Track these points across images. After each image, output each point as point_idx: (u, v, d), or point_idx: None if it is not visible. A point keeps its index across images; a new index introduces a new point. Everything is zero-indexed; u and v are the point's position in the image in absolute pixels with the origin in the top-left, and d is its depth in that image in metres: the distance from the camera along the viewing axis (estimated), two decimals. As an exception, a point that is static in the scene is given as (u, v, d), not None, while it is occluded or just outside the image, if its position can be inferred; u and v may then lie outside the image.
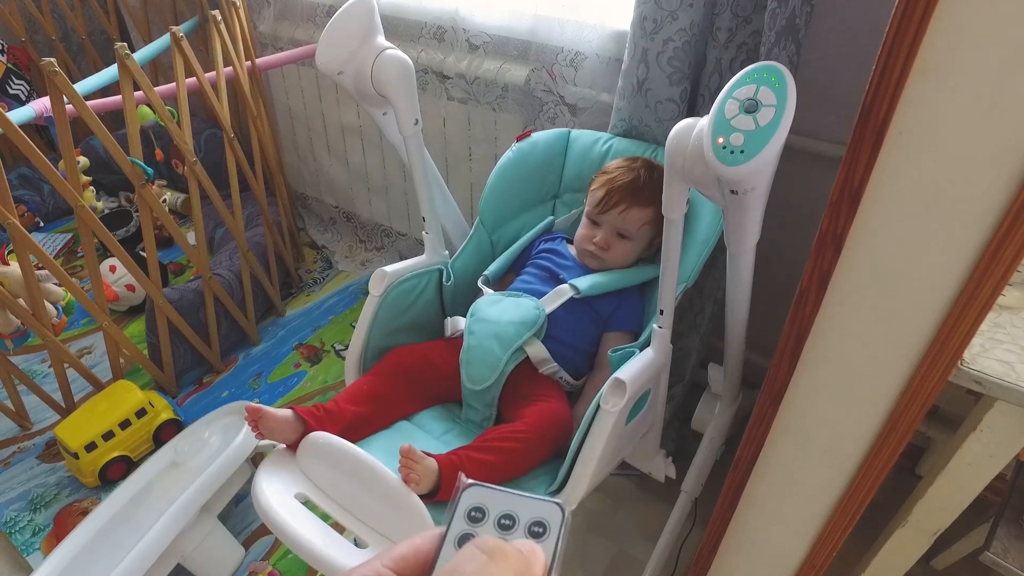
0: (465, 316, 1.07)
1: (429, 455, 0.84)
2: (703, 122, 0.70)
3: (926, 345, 0.57)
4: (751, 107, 0.65)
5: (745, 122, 0.65)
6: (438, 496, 0.83)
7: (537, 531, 0.30)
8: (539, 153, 1.20)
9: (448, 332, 1.11)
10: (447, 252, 1.16)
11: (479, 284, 1.14)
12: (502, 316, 1.02)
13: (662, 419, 1.04)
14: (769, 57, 0.97)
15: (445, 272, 1.14)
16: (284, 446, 0.91)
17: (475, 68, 1.47)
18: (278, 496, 0.83)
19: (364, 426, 0.96)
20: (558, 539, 0.30)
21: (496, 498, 0.32)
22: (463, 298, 1.16)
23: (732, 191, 0.69)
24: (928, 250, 0.53)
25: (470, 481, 0.32)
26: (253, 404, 0.89)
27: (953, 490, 0.82)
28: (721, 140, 0.65)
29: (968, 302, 0.53)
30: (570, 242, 1.17)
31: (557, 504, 0.31)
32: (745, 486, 0.78)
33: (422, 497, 0.80)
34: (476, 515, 0.31)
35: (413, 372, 1.02)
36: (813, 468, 0.72)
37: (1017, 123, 0.46)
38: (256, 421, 0.89)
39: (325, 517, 0.83)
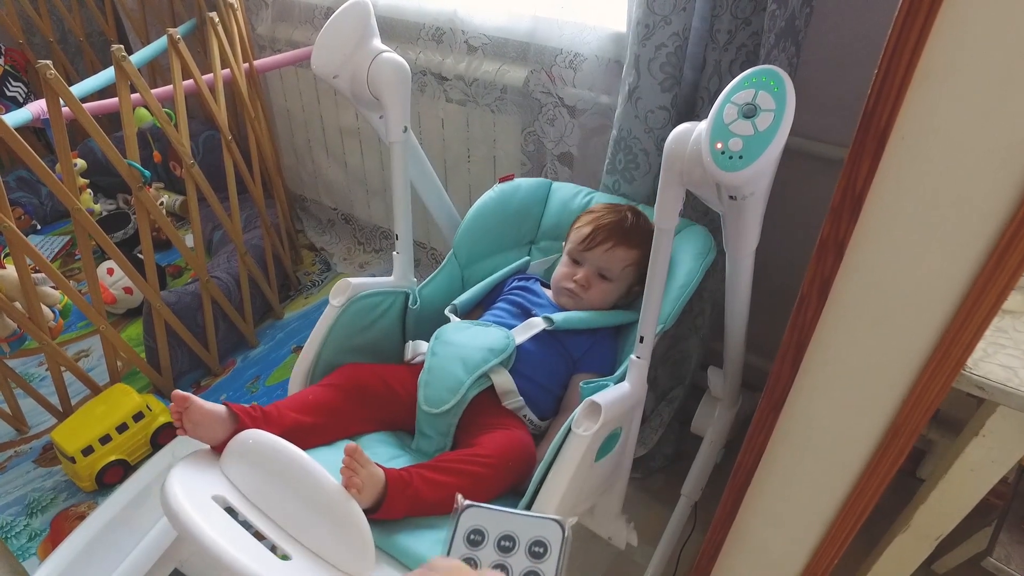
0: (428, 340, 1.01)
1: (379, 466, 0.76)
2: (702, 126, 0.69)
3: (929, 352, 0.56)
4: (750, 112, 0.64)
5: (744, 127, 0.64)
6: (379, 514, 0.75)
7: (538, 551, 0.30)
8: (520, 198, 1.18)
9: (408, 356, 1.04)
10: (415, 279, 1.11)
11: (446, 312, 1.09)
12: (469, 341, 0.97)
13: (627, 478, 0.96)
14: (769, 59, 0.97)
15: (412, 296, 1.09)
16: (208, 447, 0.83)
17: (474, 70, 1.47)
18: (192, 496, 0.73)
19: (304, 437, 0.85)
20: (560, 557, 0.30)
21: (494, 519, 0.31)
22: (427, 325, 1.07)
23: (731, 196, 0.68)
24: (931, 256, 0.53)
25: (467, 503, 0.32)
26: (181, 392, 0.80)
27: (955, 495, 0.81)
28: (720, 145, 0.65)
29: (972, 309, 0.52)
30: (544, 285, 1.13)
31: (557, 521, 0.31)
32: (746, 493, 0.78)
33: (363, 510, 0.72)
34: (476, 538, 0.31)
35: (367, 390, 0.95)
36: (814, 476, 0.71)
37: (1021, 128, 0.45)
38: (181, 412, 0.80)
39: (246, 526, 0.73)
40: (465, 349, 0.95)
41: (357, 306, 1.02)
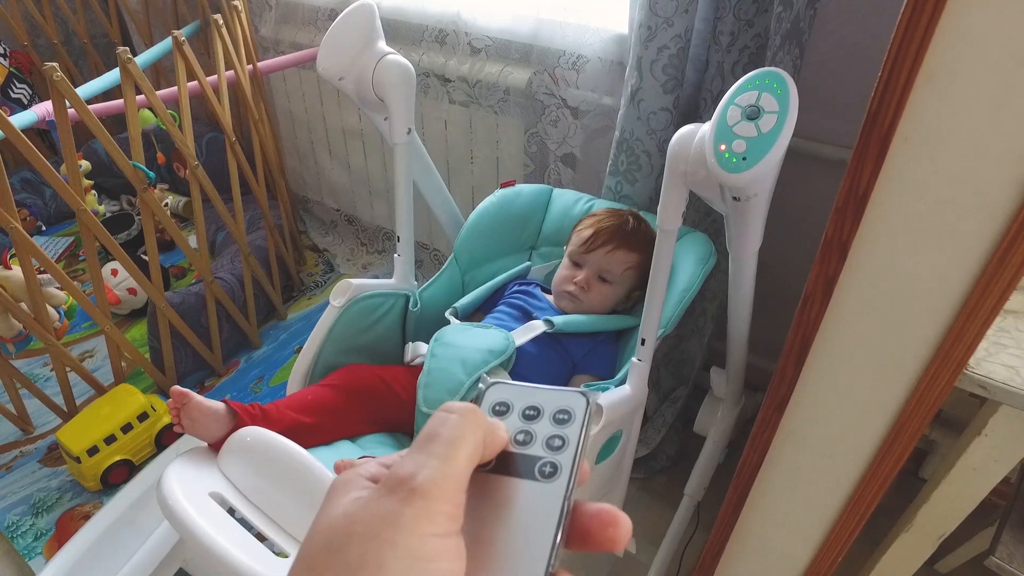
0: (428, 342, 1.01)
1: None
2: (705, 128, 0.69)
3: (932, 352, 0.57)
4: (753, 114, 0.64)
5: (747, 129, 0.65)
6: None
7: (562, 418, 0.30)
8: (521, 203, 1.19)
9: (408, 357, 1.04)
10: (416, 283, 1.12)
11: (447, 315, 1.09)
12: (469, 342, 0.96)
13: (627, 481, 0.97)
14: (774, 61, 0.97)
15: (412, 298, 1.10)
16: (206, 444, 0.83)
17: (477, 71, 1.47)
18: (189, 493, 0.72)
19: (304, 436, 0.85)
20: (583, 425, 0.29)
21: (521, 393, 0.31)
22: (427, 327, 1.08)
23: (735, 197, 0.69)
24: (934, 256, 0.53)
25: (494, 380, 0.32)
26: (180, 388, 0.80)
27: (958, 494, 0.81)
28: (723, 147, 0.65)
29: (974, 309, 0.52)
30: (545, 290, 1.13)
31: (582, 393, 0.30)
32: (749, 492, 0.78)
33: None
34: (500, 409, 0.31)
35: (366, 391, 0.95)
36: (818, 475, 0.72)
37: (1023, 130, 0.45)
38: (179, 408, 0.80)
39: (244, 523, 0.73)
40: (465, 351, 0.95)
41: (358, 307, 1.02)
